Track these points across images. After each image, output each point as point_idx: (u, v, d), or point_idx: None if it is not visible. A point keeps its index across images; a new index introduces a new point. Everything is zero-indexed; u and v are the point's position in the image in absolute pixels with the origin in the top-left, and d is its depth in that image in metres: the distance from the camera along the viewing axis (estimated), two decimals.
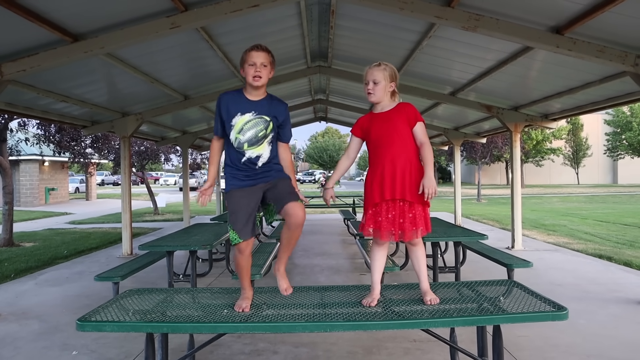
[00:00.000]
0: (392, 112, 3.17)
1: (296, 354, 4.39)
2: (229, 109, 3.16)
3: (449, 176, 59.10)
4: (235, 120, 3.14)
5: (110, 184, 57.50)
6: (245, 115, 3.14)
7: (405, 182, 3.06)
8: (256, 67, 3.11)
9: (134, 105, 9.80)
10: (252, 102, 3.17)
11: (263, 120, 3.16)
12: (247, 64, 3.13)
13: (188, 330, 2.94)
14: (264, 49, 3.16)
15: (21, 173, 26.59)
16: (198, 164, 26.70)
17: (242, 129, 3.13)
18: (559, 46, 5.54)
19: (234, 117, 3.14)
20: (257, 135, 3.14)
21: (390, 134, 3.11)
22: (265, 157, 3.18)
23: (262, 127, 3.15)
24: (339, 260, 8.22)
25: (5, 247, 11.11)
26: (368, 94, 3.17)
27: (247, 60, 3.13)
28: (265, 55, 3.14)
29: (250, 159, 3.15)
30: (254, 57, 3.12)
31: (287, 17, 7.18)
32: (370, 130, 3.19)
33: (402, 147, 3.10)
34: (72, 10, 5.13)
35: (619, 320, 5.25)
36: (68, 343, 4.75)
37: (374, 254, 3.28)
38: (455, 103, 10.14)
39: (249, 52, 3.14)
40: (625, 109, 42.45)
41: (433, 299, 3.11)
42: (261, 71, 3.12)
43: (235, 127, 3.14)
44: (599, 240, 11.37)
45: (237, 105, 3.16)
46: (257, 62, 3.11)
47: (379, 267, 3.26)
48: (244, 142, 3.13)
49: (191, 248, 5.76)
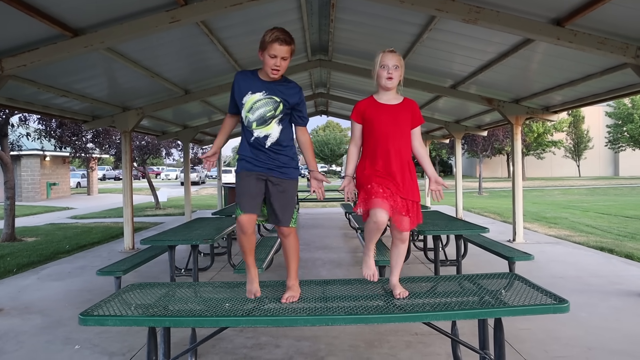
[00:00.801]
0: (400, 107, 3.15)
1: (298, 347, 4.40)
2: (240, 87, 3.17)
3: (450, 169, 59.06)
4: (246, 99, 3.14)
5: (111, 178, 57.55)
6: (256, 94, 3.14)
7: (406, 182, 3.09)
8: (277, 61, 3.07)
9: (135, 99, 9.79)
10: (264, 82, 3.16)
11: (273, 101, 3.14)
12: (267, 53, 3.07)
13: (190, 324, 2.95)
14: (289, 42, 3.09)
15: (22, 168, 26.62)
16: (199, 158, 26.68)
17: (251, 108, 3.13)
18: (560, 38, 5.52)
19: (244, 95, 3.14)
20: (265, 115, 3.13)
21: (396, 130, 3.10)
22: (274, 137, 3.15)
23: (271, 108, 3.14)
24: (340, 254, 8.23)
25: (8, 242, 11.14)
26: (388, 78, 3.10)
27: (268, 49, 3.06)
28: (288, 49, 3.09)
29: (259, 138, 3.13)
30: (277, 50, 3.05)
31: (287, 10, 7.15)
32: (374, 120, 3.14)
33: (402, 146, 3.12)
34: (72, 5, 5.11)
35: (621, 313, 5.26)
36: (70, 337, 4.77)
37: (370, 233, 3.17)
38: (456, 96, 10.12)
39: (272, 43, 3.05)
40: (626, 100, 42.28)
41: (402, 292, 3.14)
42: (280, 65, 3.09)
43: (245, 106, 3.14)
44: (600, 233, 11.37)
45: (249, 84, 3.16)
46: (279, 56, 3.07)
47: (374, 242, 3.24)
48: (252, 121, 3.13)
49: (193, 242, 5.77)
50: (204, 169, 3.36)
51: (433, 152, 50.49)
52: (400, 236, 3.19)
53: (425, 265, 7.70)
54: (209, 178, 53.11)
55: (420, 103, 12.73)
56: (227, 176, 37.61)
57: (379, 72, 3.13)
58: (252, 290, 3.10)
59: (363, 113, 3.18)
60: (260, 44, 3.13)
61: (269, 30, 3.11)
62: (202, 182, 49.09)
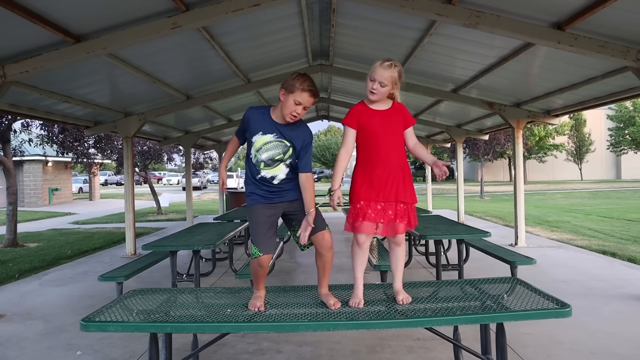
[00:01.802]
0: (391, 113, 3.15)
1: (300, 353, 4.39)
2: (251, 125, 3.14)
3: (451, 173, 58.95)
4: (256, 138, 3.13)
5: (113, 183, 57.63)
6: (267, 135, 3.12)
7: (399, 185, 3.10)
8: (299, 108, 3.05)
9: (137, 105, 9.81)
10: (277, 124, 3.14)
11: (283, 145, 3.13)
12: (293, 98, 3.02)
13: (192, 330, 2.95)
14: (317, 95, 3.11)
15: (25, 173, 26.68)
16: (201, 163, 26.73)
17: (260, 148, 3.13)
18: (560, 42, 5.52)
19: (255, 134, 3.13)
20: (274, 158, 3.14)
21: (389, 135, 3.11)
22: (281, 177, 3.17)
23: (280, 151, 3.13)
24: (342, 259, 8.21)
25: (10, 247, 11.15)
26: (371, 92, 3.09)
27: (295, 95, 3.02)
28: (314, 102, 3.11)
29: (265, 177, 3.16)
30: (305, 100, 3.04)
31: (288, 15, 7.17)
32: (368, 127, 3.13)
33: (397, 150, 3.13)
34: (74, 12, 5.13)
35: (624, 317, 5.24)
36: (72, 343, 4.76)
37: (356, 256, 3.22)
38: (457, 100, 10.12)
39: (303, 92, 3.02)
40: (628, 103, 42.23)
41: (405, 298, 3.13)
42: (300, 113, 3.08)
43: (255, 145, 3.14)
44: (602, 236, 11.35)
45: (261, 124, 3.13)
46: (304, 105, 3.05)
47: (362, 269, 3.23)
48: (260, 161, 3.14)
49: (194, 248, 5.77)
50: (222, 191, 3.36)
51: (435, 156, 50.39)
52: (395, 239, 3.20)
53: (427, 269, 7.68)
54: (211, 183, 53.14)
55: (421, 107, 12.74)
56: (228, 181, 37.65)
57: (367, 82, 3.11)
58: (257, 304, 3.08)
59: (358, 119, 3.15)
60: (285, 86, 3.07)
61: (299, 76, 3.07)
62: (204, 187, 49.12)
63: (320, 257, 3.22)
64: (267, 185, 3.17)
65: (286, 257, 9.18)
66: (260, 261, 3.15)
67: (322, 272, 3.25)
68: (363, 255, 3.23)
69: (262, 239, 3.14)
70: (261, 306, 3.07)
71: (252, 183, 3.20)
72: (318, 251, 3.22)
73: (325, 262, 3.22)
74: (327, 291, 3.24)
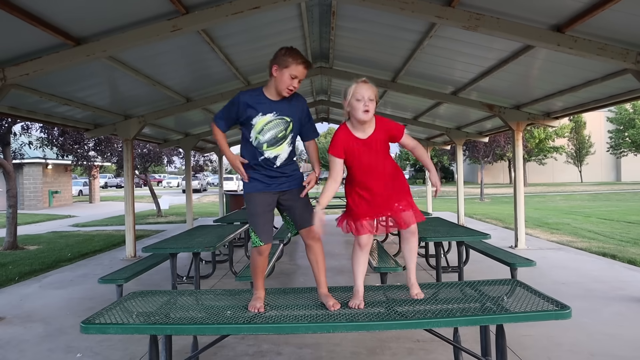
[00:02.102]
0: (375, 137, 3.06)
1: (300, 354, 4.39)
2: (248, 108, 3.11)
3: (451, 175, 58.96)
4: (256, 120, 3.11)
5: (113, 186, 57.62)
6: (267, 115, 3.11)
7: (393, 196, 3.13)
8: (295, 82, 3.07)
9: (137, 108, 9.82)
10: (273, 102, 3.14)
11: (284, 122, 3.14)
12: (289, 72, 3.03)
13: (192, 332, 2.95)
14: (311, 66, 3.12)
15: (25, 176, 26.68)
16: (201, 166, 26.76)
17: (262, 129, 3.12)
18: (560, 44, 5.53)
19: (254, 117, 3.11)
20: (277, 137, 3.14)
21: (376, 161, 3.08)
22: (284, 157, 3.17)
23: (282, 128, 3.14)
24: (341, 261, 8.22)
25: (10, 250, 11.14)
26: (365, 111, 2.95)
27: (290, 69, 3.03)
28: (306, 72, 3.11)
29: (269, 158, 3.14)
30: (300, 72, 3.05)
31: (288, 18, 7.19)
32: (354, 156, 3.07)
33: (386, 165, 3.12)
34: (74, 14, 5.15)
35: (623, 318, 5.24)
36: (72, 345, 4.76)
37: (357, 258, 3.23)
38: (457, 102, 10.13)
39: (298, 65, 3.03)
40: (628, 106, 42.29)
41: (419, 293, 3.15)
42: (296, 86, 3.10)
43: (255, 127, 3.11)
44: (602, 239, 11.35)
45: (258, 105, 3.12)
46: (300, 78, 3.08)
47: (362, 271, 3.23)
48: (263, 143, 3.12)
49: (194, 250, 5.78)
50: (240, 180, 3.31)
51: (434, 159, 50.47)
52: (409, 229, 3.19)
53: (427, 272, 7.68)
54: (211, 185, 53.15)
55: (421, 109, 12.77)
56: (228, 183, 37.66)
57: (354, 104, 2.98)
58: (257, 306, 3.08)
59: (344, 147, 3.07)
60: (278, 62, 3.06)
61: (290, 50, 3.07)
62: (204, 189, 49.13)
63: (309, 250, 3.25)
64: (268, 168, 3.16)
65: (286, 259, 9.18)
66: (261, 250, 3.17)
67: (316, 269, 3.25)
68: (364, 257, 3.24)
69: (262, 228, 3.16)
70: (261, 307, 3.07)
71: (251, 167, 3.20)
72: (306, 243, 3.25)
73: (316, 255, 3.23)
74: (327, 292, 3.22)
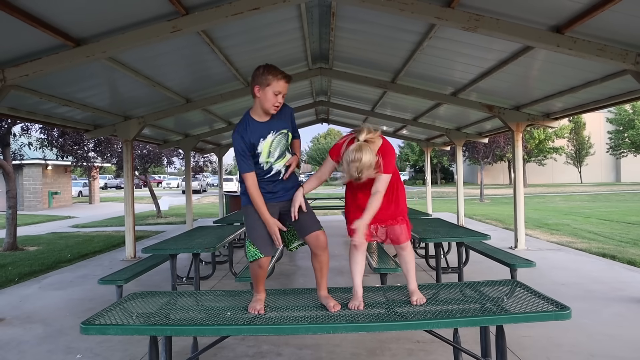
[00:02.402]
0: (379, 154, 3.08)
1: (300, 355, 4.39)
2: (249, 142, 3.11)
3: (451, 176, 58.99)
4: (261, 147, 3.13)
5: (113, 187, 57.61)
6: (267, 138, 3.14)
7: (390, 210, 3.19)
8: (279, 97, 3.09)
9: (136, 108, 9.82)
10: (266, 123, 3.16)
11: (283, 135, 3.20)
12: (272, 90, 3.05)
13: (191, 333, 2.95)
14: (291, 79, 3.15)
15: (24, 177, 26.67)
16: (201, 166, 26.75)
17: (269, 153, 3.15)
18: (560, 45, 5.54)
19: (257, 145, 3.13)
20: (283, 150, 3.20)
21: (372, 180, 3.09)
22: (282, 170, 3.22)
23: (285, 141, 3.20)
24: (341, 262, 8.21)
25: (9, 251, 11.14)
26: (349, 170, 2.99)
27: (273, 86, 3.04)
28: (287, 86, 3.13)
29: (280, 171, 3.20)
30: (282, 87, 3.07)
31: (287, 19, 7.19)
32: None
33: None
34: (74, 15, 5.15)
35: (623, 319, 5.24)
36: (72, 346, 4.76)
37: (354, 258, 3.25)
38: (456, 103, 10.14)
39: (279, 81, 3.05)
40: (627, 106, 42.33)
41: (420, 298, 3.15)
42: (281, 101, 3.12)
43: (263, 154, 3.13)
44: (602, 239, 11.35)
45: (255, 134, 3.12)
46: (283, 93, 3.10)
47: (360, 271, 3.25)
48: (274, 162, 3.18)
49: (194, 251, 5.78)
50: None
51: (434, 160, 50.51)
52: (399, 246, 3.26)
53: (427, 272, 7.68)
54: (210, 186, 53.15)
55: (420, 110, 12.78)
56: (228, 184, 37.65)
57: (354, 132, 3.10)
58: (257, 307, 3.08)
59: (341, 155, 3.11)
60: (258, 82, 3.08)
61: (267, 68, 3.08)
62: (204, 190, 49.12)
63: (315, 258, 3.24)
64: (277, 181, 3.19)
65: (286, 260, 9.18)
66: (261, 263, 3.16)
67: (319, 274, 3.25)
68: (361, 257, 3.25)
69: (262, 242, 3.15)
70: (261, 309, 3.07)
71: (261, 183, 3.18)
72: (313, 252, 3.24)
73: (321, 263, 3.23)
74: (327, 293, 3.23)
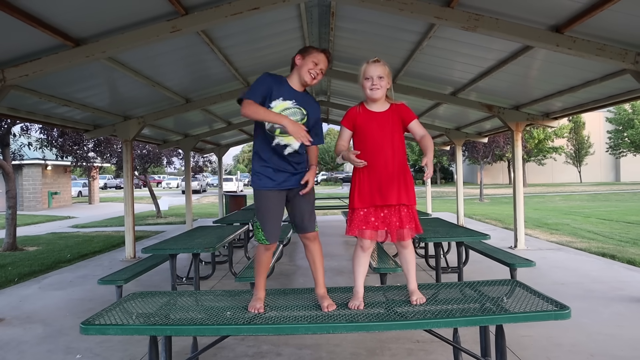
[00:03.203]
0: (388, 114, 3.15)
1: (300, 355, 4.39)
2: (272, 90, 3.13)
3: (451, 176, 59.01)
4: (275, 104, 3.12)
5: (112, 187, 57.59)
6: (287, 102, 3.14)
7: (401, 187, 3.08)
8: (316, 69, 3.16)
9: (136, 108, 9.83)
10: (294, 91, 3.19)
11: (300, 112, 3.18)
12: (310, 59, 3.15)
13: (191, 333, 2.95)
14: (329, 54, 3.21)
15: (24, 177, 26.66)
16: (200, 166, 26.75)
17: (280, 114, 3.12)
18: (559, 45, 5.54)
19: (275, 99, 3.12)
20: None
21: (385, 138, 3.10)
22: (294, 147, 3.18)
23: (299, 118, 3.17)
24: (341, 262, 8.23)
25: (9, 251, 11.14)
26: (373, 89, 3.09)
27: (313, 56, 3.16)
28: (327, 65, 3.22)
29: (279, 144, 3.16)
30: (321, 60, 3.17)
31: (287, 19, 7.20)
32: (364, 129, 3.14)
33: (396, 151, 3.11)
34: (74, 15, 5.15)
35: (623, 319, 5.24)
36: (72, 347, 4.76)
37: (358, 259, 3.24)
38: (456, 103, 10.14)
39: (320, 54, 3.18)
40: (627, 106, 42.33)
41: (419, 298, 3.14)
42: (318, 75, 3.17)
43: (274, 110, 3.12)
44: (602, 239, 11.35)
45: (280, 90, 3.15)
46: (321, 66, 3.17)
47: (363, 272, 3.25)
48: (277, 127, 3.12)
49: (194, 251, 5.78)
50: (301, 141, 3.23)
51: (434, 159, 50.41)
52: (402, 243, 3.20)
53: (427, 272, 7.68)
54: (210, 186, 53.15)
55: (420, 110, 12.75)
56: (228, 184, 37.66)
57: (363, 83, 3.14)
58: (256, 306, 3.08)
59: (354, 120, 3.18)
60: (302, 52, 3.22)
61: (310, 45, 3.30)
62: (203, 190, 49.13)
63: (307, 250, 3.30)
64: (278, 157, 3.17)
65: (286, 260, 9.18)
66: (267, 247, 3.23)
67: (314, 267, 3.28)
68: (365, 259, 3.25)
69: (271, 227, 3.20)
70: (260, 308, 3.07)
71: (260, 159, 3.19)
72: (304, 243, 3.30)
73: (313, 254, 3.27)
74: (324, 292, 3.23)
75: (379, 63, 3.12)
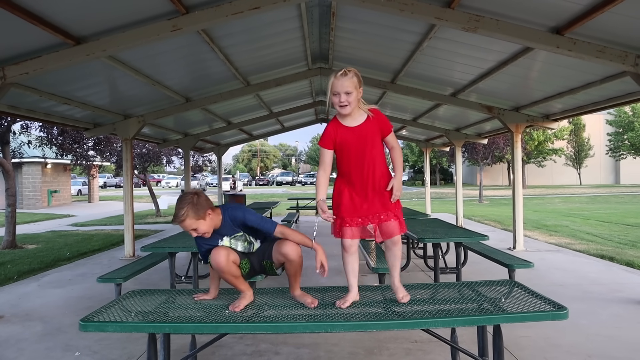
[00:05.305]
0: (367, 127, 3.08)
1: (298, 354, 4.40)
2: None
3: (450, 177, 59.05)
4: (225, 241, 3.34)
5: (112, 186, 57.61)
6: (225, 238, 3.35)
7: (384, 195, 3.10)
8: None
9: (136, 107, 9.83)
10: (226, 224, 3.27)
11: (242, 238, 3.38)
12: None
13: (190, 331, 2.95)
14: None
15: (24, 175, 26.67)
16: (200, 166, 26.74)
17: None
18: (559, 46, 5.55)
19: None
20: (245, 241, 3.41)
21: (366, 152, 3.06)
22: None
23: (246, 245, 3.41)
24: (339, 262, 8.20)
25: (8, 249, 11.15)
26: (341, 106, 2.98)
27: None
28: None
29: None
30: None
31: (288, 19, 7.20)
32: (343, 144, 3.09)
33: (377, 163, 3.09)
34: (75, 14, 5.15)
35: (621, 320, 5.25)
36: (71, 344, 4.77)
37: (345, 259, 3.24)
38: (456, 104, 10.15)
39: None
40: (627, 108, 42.37)
41: (404, 296, 3.15)
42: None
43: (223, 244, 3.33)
44: (601, 241, 11.36)
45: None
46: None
47: (352, 270, 3.24)
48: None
49: (193, 249, 5.77)
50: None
51: (434, 160, 50.52)
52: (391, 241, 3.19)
53: (425, 272, 7.69)
54: (210, 186, 53.15)
55: (420, 111, 12.78)
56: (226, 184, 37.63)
57: (332, 99, 3.02)
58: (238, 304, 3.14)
59: (334, 139, 3.11)
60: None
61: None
62: (203, 189, 49.09)
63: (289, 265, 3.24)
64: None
65: None
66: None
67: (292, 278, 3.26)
68: (350, 258, 3.23)
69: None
70: (239, 306, 3.09)
71: None
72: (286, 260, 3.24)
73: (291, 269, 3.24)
74: (300, 291, 3.26)
75: (346, 77, 2.96)
